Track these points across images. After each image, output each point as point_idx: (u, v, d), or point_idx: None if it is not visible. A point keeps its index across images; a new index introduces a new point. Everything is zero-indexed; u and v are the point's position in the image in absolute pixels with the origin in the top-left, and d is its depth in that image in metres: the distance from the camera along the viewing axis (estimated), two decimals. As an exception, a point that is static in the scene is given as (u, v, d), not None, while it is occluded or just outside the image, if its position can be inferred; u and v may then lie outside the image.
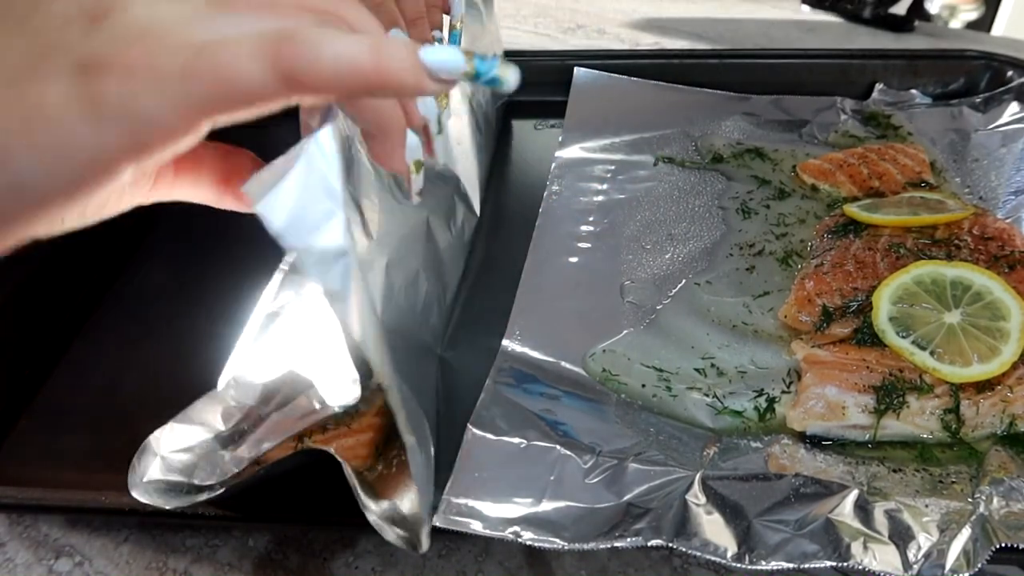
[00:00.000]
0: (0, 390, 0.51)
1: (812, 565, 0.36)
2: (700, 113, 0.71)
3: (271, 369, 0.42)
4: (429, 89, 0.28)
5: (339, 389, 0.41)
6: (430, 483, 0.38)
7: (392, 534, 0.36)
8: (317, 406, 0.40)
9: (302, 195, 0.26)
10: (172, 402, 0.48)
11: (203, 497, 0.39)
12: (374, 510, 0.37)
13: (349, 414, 0.42)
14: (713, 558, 0.37)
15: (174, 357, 0.52)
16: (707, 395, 0.46)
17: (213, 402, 0.42)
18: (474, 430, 0.43)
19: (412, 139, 0.37)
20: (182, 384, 0.50)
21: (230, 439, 0.41)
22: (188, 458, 0.40)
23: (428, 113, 0.52)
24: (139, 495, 0.39)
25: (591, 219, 0.60)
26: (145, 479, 0.39)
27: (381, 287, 0.42)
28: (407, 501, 0.38)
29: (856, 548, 0.36)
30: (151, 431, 0.41)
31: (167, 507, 0.39)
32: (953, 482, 0.40)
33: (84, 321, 0.56)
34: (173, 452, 0.40)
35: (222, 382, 0.43)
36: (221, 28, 0.26)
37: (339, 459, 0.37)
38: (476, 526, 0.38)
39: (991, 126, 0.66)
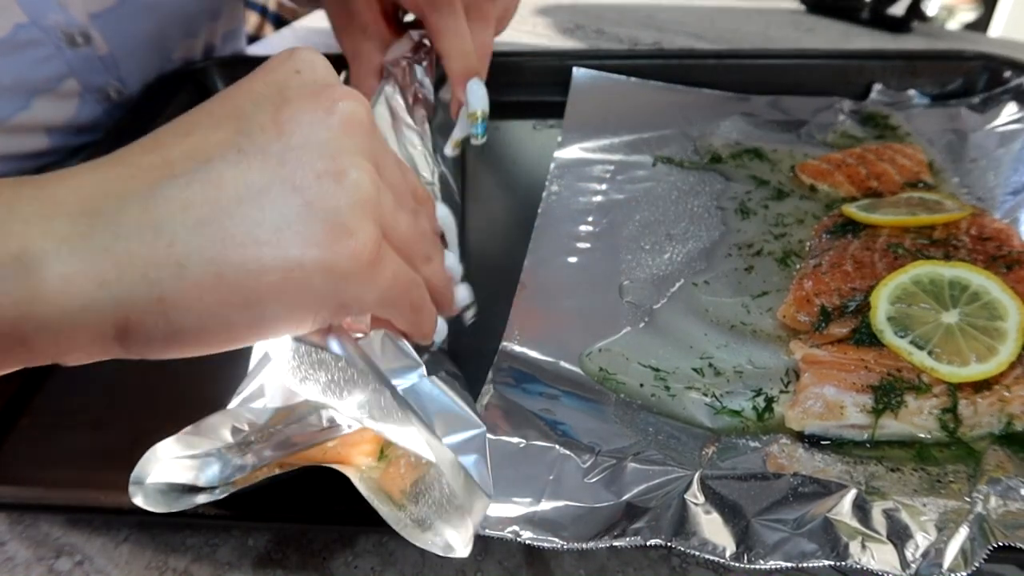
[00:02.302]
0: (0, 390, 0.51)
1: (810, 564, 0.36)
2: (699, 113, 0.71)
3: (285, 394, 0.42)
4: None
5: (351, 412, 0.41)
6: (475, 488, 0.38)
7: (425, 539, 0.36)
8: (326, 424, 0.40)
9: None
10: (173, 402, 0.48)
11: (202, 498, 0.39)
12: (397, 517, 0.37)
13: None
14: (712, 557, 0.37)
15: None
16: (705, 395, 0.46)
17: (225, 418, 0.42)
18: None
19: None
20: (183, 383, 0.50)
21: (236, 448, 0.41)
22: (192, 463, 0.40)
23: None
24: (141, 502, 0.39)
25: (590, 219, 0.60)
26: (147, 481, 0.39)
27: None
28: (431, 505, 0.38)
29: (854, 547, 0.36)
30: (151, 431, 0.41)
31: (169, 511, 0.39)
32: (951, 481, 0.40)
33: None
34: (177, 458, 0.40)
35: (235, 401, 0.43)
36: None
37: (352, 478, 0.37)
38: (475, 525, 0.39)
39: (989, 126, 0.66)
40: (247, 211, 0.28)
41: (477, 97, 0.57)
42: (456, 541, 0.37)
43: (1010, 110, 0.67)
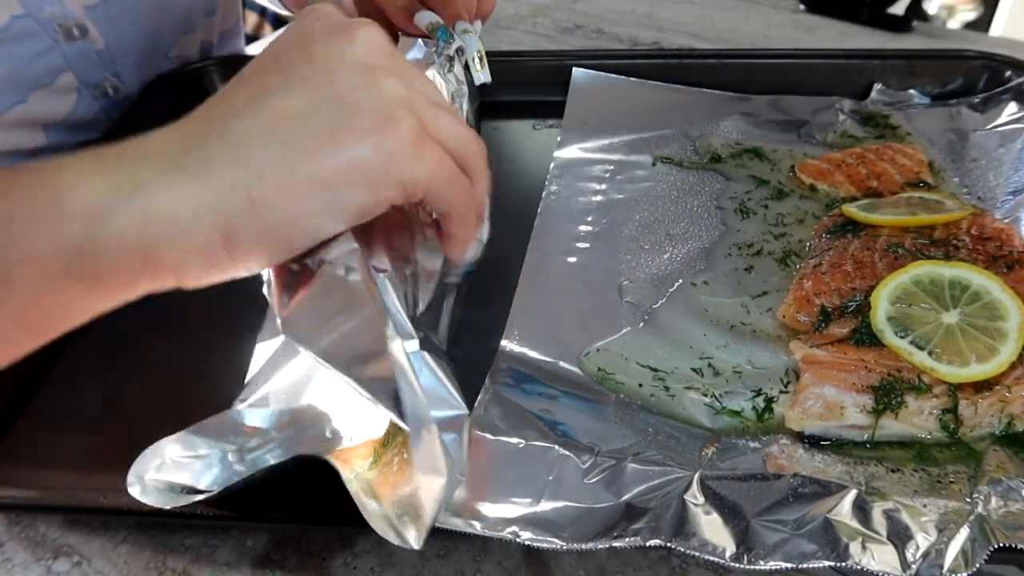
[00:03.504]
0: (0, 390, 0.51)
1: (810, 565, 0.36)
2: (698, 113, 0.71)
3: (289, 398, 0.42)
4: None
5: (355, 424, 0.40)
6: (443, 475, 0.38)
7: (391, 534, 0.36)
8: (329, 435, 0.40)
9: None
10: (172, 403, 0.48)
11: (199, 498, 0.39)
12: (373, 510, 0.37)
13: None
14: (711, 558, 0.37)
15: (174, 358, 0.52)
16: (705, 395, 0.46)
17: (226, 421, 0.42)
18: (472, 430, 0.43)
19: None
20: (182, 385, 0.50)
21: (237, 453, 0.41)
22: (192, 464, 0.40)
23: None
24: (138, 493, 0.39)
25: (589, 219, 0.60)
26: (144, 477, 0.39)
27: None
28: (409, 499, 0.37)
29: (854, 548, 0.36)
30: (151, 432, 0.41)
31: (164, 507, 0.39)
32: (951, 482, 0.40)
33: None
34: (177, 457, 0.40)
35: (239, 404, 0.43)
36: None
37: (334, 464, 0.37)
38: (475, 526, 0.39)
39: (989, 126, 0.66)
40: (301, 126, 0.34)
41: None
42: (411, 533, 0.36)
43: (1011, 110, 0.67)
